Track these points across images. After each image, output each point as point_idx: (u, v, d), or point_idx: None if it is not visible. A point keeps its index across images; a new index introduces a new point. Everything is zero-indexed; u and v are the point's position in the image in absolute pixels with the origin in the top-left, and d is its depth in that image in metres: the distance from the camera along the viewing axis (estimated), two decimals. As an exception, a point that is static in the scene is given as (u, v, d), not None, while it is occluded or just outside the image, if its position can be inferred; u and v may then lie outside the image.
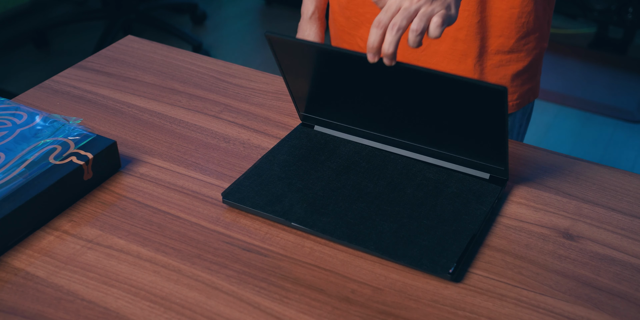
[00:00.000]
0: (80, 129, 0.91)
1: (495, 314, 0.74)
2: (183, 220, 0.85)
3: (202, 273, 0.78)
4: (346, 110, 0.93)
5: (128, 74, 1.14)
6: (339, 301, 0.75)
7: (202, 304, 0.74)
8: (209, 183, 0.91)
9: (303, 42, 0.82)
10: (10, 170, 0.83)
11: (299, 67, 0.88)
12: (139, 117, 1.03)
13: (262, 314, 0.73)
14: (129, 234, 0.83)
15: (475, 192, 0.87)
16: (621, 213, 0.88)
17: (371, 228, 0.82)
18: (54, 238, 0.82)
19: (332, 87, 0.88)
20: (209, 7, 3.19)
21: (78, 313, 0.73)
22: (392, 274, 0.78)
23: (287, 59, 0.87)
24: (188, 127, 1.01)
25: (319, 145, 0.95)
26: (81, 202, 0.87)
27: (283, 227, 0.84)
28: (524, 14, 1.02)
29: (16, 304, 0.74)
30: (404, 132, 0.91)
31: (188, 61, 1.18)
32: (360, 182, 0.89)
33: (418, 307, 0.74)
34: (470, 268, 0.79)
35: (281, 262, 0.79)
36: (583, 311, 0.74)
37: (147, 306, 0.74)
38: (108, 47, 1.21)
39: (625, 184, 0.92)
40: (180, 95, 1.09)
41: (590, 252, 0.82)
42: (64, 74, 1.13)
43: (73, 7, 3.12)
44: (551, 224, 0.86)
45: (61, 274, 0.77)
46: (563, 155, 0.97)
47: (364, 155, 0.94)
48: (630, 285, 0.78)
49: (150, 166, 0.94)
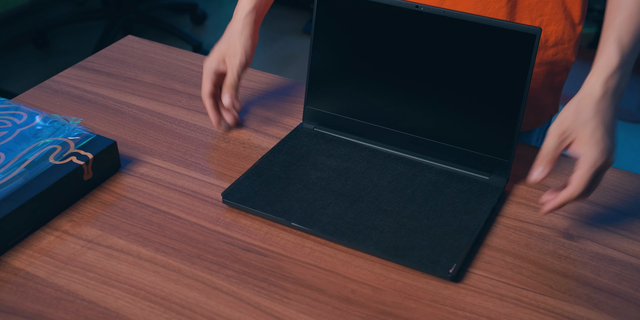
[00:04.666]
0: (80, 129, 0.91)
1: (495, 314, 0.74)
2: (183, 220, 0.85)
3: (202, 273, 0.78)
4: (358, 94, 0.94)
5: (128, 74, 1.14)
6: (339, 301, 0.75)
7: (202, 304, 0.74)
8: (209, 183, 0.91)
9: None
10: (10, 170, 0.83)
11: (334, 31, 0.92)
12: (139, 117, 1.03)
13: (262, 314, 0.73)
14: (129, 234, 0.83)
15: (475, 192, 0.87)
16: (621, 213, 0.88)
17: (371, 228, 0.82)
18: (54, 238, 0.82)
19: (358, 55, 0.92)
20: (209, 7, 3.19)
21: (78, 313, 0.73)
22: (392, 274, 0.78)
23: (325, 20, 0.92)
24: (188, 127, 1.01)
25: (319, 146, 0.95)
26: (81, 202, 0.87)
27: (283, 227, 0.84)
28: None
29: (16, 304, 0.74)
30: (410, 116, 0.91)
31: (188, 61, 1.18)
32: (360, 182, 0.89)
33: (418, 307, 0.74)
34: (470, 268, 0.79)
35: (281, 262, 0.79)
36: (583, 311, 0.74)
37: (147, 306, 0.73)
38: (108, 47, 1.21)
39: (625, 184, 0.92)
40: (180, 95, 1.09)
41: (590, 252, 0.82)
42: (64, 74, 1.13)
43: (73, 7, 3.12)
44: (551, 224, 0.86)
45: (61, 274, 0.77)
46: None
47: (364, 156, 0.94)
48: (630, 285, 0.78)
49: (150, 166, 0.94)
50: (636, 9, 0.79)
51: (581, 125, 0.77)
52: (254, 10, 0.99)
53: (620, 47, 0.78)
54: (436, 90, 0.89)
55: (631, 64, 0.79)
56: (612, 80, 0.78)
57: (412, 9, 0.86)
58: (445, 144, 0.91)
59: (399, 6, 0.86)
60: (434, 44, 0.87)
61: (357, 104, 0.95)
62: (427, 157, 0.93)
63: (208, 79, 0.99)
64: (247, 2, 0.99)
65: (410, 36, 0.88)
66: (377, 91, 0.93)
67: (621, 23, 0.79)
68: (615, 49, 0.78)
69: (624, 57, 0.78)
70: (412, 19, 0.87)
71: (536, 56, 0.93)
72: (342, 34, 0.92)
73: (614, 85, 0.78)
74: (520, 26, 0.81)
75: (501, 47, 0.83)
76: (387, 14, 0.87)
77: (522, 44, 0.82)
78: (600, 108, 0.77)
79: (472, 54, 0.85)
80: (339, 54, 0.93)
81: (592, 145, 0.76)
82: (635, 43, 0.79)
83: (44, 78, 1.15)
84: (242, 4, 1.00)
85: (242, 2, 1.00)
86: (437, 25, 0.85)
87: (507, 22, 0.82)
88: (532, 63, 0.82)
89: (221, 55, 0.98)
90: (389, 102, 0.92)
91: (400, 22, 0.87)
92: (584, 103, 0.78)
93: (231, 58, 0.98)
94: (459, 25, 0.84)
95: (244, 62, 0.97)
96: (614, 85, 0.78)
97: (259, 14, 1.00)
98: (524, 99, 0.84)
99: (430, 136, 0.92)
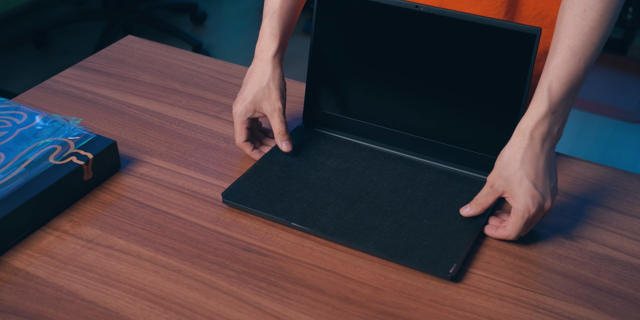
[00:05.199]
0: (80, 129, 0.91)
1: (495, 314, 0.74)
2: (183, 220, 0.85)
3: (202, 273, 0.78)
4: (358, 94, 0.94)
5: (128, 74, 1.14)
6: (339, 301, 0.75)
7: (202, 304, 0.74)
8: (209, 183, 0.91)
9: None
10: (10, 170, 0.83)
11: (334, 31, 0.91)
12: (139, 117, 1.03)
13: (262, 314, 0.73)
14: (129, 234, 0.83)
15: (475, 192, 0.87)
16: (621, 213, 0.88)
17: (371, 228, 0.82)
18: (54, 238, 0.82)
19: (358, 55, 0.92)
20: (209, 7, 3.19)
21: (78, 313, 0.73)
22: (392, 274, 0.78)
23: (326, 20, 0.91)
24: (188, 127, 1.01)
25: (319, 146, 0.95)
26: (81, 202, 0.87)
27: (283, 227, 0.84)
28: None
29: (16, 304, 0.74)
30: (410, 116, 0.91)
31: (188, 61, 1.18)
32: (360, 182, 0.89)
33: (418, 307, 0.74)
34: (470, 268, 0.79)
35: (281, 262, 0.79)
36: (583, 311, 0.74)
37: (147, 306, 0.73)
38: (108, 47, 1.21)
39: (625, 184, 0.92)
40: (180, 95, 1.09)
41: (590, 252, 0.82)
42: (64, 74, 1.13)
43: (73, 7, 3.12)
44: (551, 224, 0.86)
45: (61, 274, 0.77)
46: (563, 155, 0.97)
47: (364, 156, 0.94)
48: (630, 285, 0.78)
49: (150, 166, 0.94)
50: (568, 55, 0.78)
51: (507, 177, 0.79)
52: (280, 48, 0.92)
53: (549, 95, 0.77)
54: (436, 90, 0.89)
55: (567, 106, 0.79)
56: (541, 126, 0.78)
57: (412, 9, 0.86)
58: (445, 144, 0.91)
59: (399, 6, 0.86)
60: (433, 44, 0.87)
61: (357, 104, 0.95)
62: (427, 157, 0.93)
63: (243, 125, 0.92)
64: (270, 40, 0.92)
65: (410, 36, 0.88)
66: (376, 91, 0.93)
67: (555, 68, 0.78)
68: (545, 95, 0.78)
69: (553, 104, 0.78)
70: (412, 19, 0.87)
71: (537, 67, 0.93)
72: (342, 34, 0.92)
73: (544, 132, 0.78)
74: (520, 26, 0.81)
75: (501, 47, 0.83)
76: (387, 14, 0.88)
77: (522, 44, 0.82)
78: (527, 156, 0.78)
79: (472, 54, 0.85)
80: (338, 54, 0.93)
81: (521, 196, 0.78)
82: (568, 89, 0.78)
83: (44, 78, 1.15)
84: (265, 41, 0.92)
85: (266, 39, 0.92)
86: (437, 25, 0.86)
87: (507, 22, 0.82)
88: (532, 63, 0.82)
89: (256, 102, 0.91)
90: (388, 102, 0.93)
91: (400, 22, 0.87)
92: (510, 153, 0.79)
93: (271, 105, 0.91)
94: (459, 25, 0.84)
95: (284, 105, 0.92)
96: (544, 131, 0.78)
97: (284, 51, 0.94)
98: (524, 99, 0.84)
99: (431, 136, 0.92)
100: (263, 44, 0.92)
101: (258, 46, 0.93)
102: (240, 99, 0.92)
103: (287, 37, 0.94)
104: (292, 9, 0.94)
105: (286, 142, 0.92)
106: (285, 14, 0.93)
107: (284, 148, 0.92)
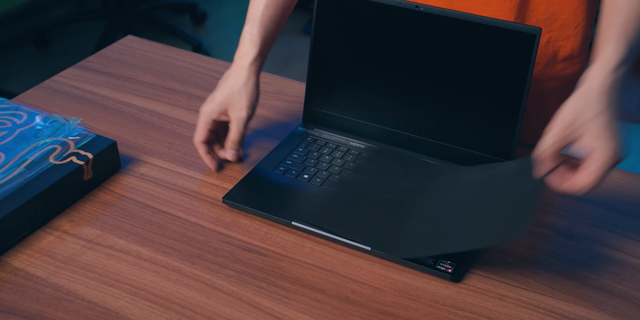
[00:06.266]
0: (80, 129, 0.91)
1: (495, 314, 0.74)
2: (183, 220, 0.85)
3: (202, 273, 0.78)
4: (358, 94, 0.93)
5: (128, 74, 1.14)
6: (339, 301, 0.75)
7: (202, 304, 0.74)
8: (209, 183, 0.91)
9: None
10: (10, 170, 0.83)
11: (334, 31, 0.91)
12: (139, 117, 1.03)
13: (262, 314, 0.73)
14: (129, 234, 0.83)
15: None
16: (621, 213, 0.88)
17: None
18: (54, 238, 0.82)
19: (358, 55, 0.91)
20: (209, 7, 3.19)
21: (78, 313, 0.73)
22: (392, 274, 0.78)
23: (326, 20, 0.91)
24: (188, 127, 1.01)
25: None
26: (81, 202, 0.87)
27: (283, 227, 0.84)
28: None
29: (16, 304, 0.74)
30: (411, 116, 0.91)
31: (188, 61, 1.18)
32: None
33: (418, 307, 0.74)
34: (470, 268, 0.79)
35: (281, 262, 0.79)
36: (583, 311, 0.74)
37: (147, 306, 0.73)
38: (108, 47, 1.21)
39: (625, 184, 0.92)
40: (180, 95, 1.09)
41: (590, 252, 0.82)
42: (64, 74, 1.13)
43: (73, 7, 3.12)
44: (551, 224, 0.86)
45: (61, 274, 0.77)
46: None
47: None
48: (630, 285, 0.78)
49: (150, 166, 0.94)
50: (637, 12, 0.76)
51: (591, 119, 0.72)
52: (258, 56, 0.91)
53: (627, 42, 0.74)
54: (436, 90, 0.89)
55: (631, 64, 0.76)
56: (618, 72, 0.74)
57: (412, 9, 0.86)
58: (446, 144, 0.91)
59: (399, 6, 0.86)
60: (434, 44, 0.87)
61: (357, 104, 0.95)
62: (428, 157, 0.93)
63: (205, 125, 0.91)
64: (251, 47, 0.91)
65: (410, 36, 0.88)
66: (377, 91, 0.93)
67: (625, 22, 0.75)
68: (622, 42, 0.74)
69: (630, 51, 0.74)
70: (412, 19, 0.87)
71: (546, 71, 0.93)
72: (342, 34, 0.92)
73: (621, 77, 0.74)
74: (520, 26, 0.81)
75: (501, 47, 0.83)
76: (387, 13, 0.88)
77: (522, 44, 0.82)
78: (610, 100, 0.73)
79: (472, 54, 0.85)
80: (338, 54, 0.93)
81: (608, 139, 0.72)
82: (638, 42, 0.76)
83: (44, 78, 1.15)
84: (244, 47, 0.91)
85: (245, 45, 0.91)
86: (437, 25, 0.86)
87: (507, 22, 0.82)
88: (532, 63, 0.82)
89: (224, 105, 0.90)
90: (388, 102, 0.93)
91: (400, 22, 0.87)
92: (592, 95, 0.73)
93: (236, 111, 0.90)
94: (459, 25, 0.84)
95: (251, 115, 0.90)
96: (621, 77, 0.74)
97: (263, 59, 0.93)
98: (524, 99, 0.84)
99: (431, 136, 0.92)
100: (242, 50, 0.92)
101: (237, 52, 0.92)
102: (210, 100, 0.91)
103: (268, 45, 0.93)
104: (275, 17, 0.93)
105: (232, 153, 0.92)
106: (268, 22, 0.92)
107: (228, 156, 0.92)
